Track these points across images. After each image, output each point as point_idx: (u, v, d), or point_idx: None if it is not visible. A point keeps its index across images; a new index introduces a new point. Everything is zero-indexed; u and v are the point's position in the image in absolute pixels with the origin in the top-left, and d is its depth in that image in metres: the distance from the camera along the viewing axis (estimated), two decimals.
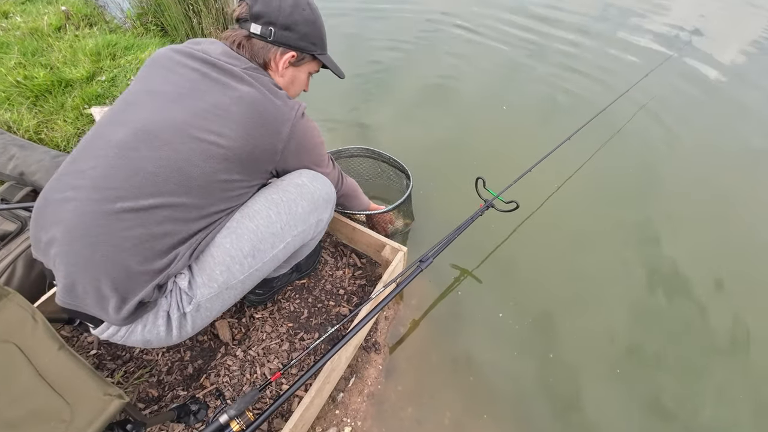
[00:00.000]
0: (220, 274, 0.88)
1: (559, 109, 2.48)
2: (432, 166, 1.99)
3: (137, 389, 1.14)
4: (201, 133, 0.81)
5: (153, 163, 0.78)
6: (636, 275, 1.62)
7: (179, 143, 0.80)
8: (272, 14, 0.92)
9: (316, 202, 1.02)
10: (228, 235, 0.89)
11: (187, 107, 0.83)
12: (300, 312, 1.34)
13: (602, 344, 1.41)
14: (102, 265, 0.76)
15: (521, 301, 1.51)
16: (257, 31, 0.92)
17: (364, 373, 1.27)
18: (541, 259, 1.66)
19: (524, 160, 1.68)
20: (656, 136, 2.32)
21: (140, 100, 0.86)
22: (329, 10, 3.32)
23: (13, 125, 1.86)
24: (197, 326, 0.92)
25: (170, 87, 0.85)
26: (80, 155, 0.83)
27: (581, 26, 3.48)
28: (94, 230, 0.76)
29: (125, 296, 0.78)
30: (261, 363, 1.21)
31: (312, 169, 1.05)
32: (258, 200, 0.95)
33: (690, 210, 1.91)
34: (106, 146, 0.80)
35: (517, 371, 1.33)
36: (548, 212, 1.83)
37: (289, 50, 0.96)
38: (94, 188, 0.77)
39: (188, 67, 0.88)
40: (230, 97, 0.84)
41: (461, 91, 2.57)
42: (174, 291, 0.86)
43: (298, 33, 0.95)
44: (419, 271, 1.17)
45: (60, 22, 2.68)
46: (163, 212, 0.79)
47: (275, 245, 0.95)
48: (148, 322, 0.85)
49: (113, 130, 0.82)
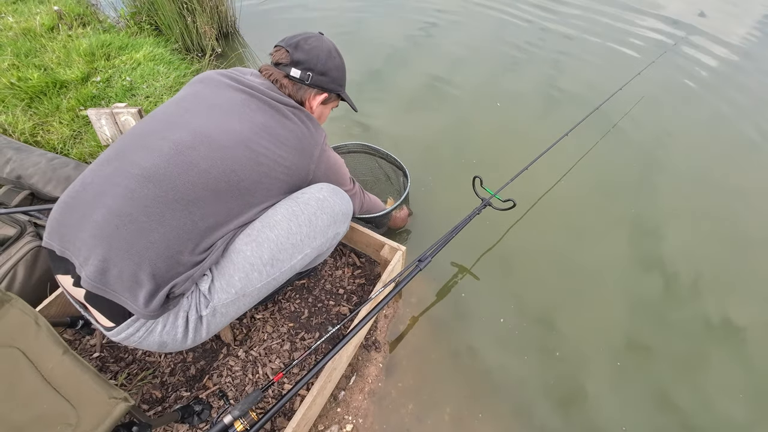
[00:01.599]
0: (238, 280, 0.91)
1: (556, 105, 2.49)
2: (429, 165, 2.00)
3: (141, 391, 1.15)
4: (254, 145, 0.92)
5: (208, 162, 0.86)
6: (636, 270, 1.64)
7: (235, 149, 0.89)
8: (311, 62, 1.05)
9: (336, 216, 1.07)
10: (249, 243, 0.92)
11: (243, 122, 0.93)
12: (300, 312, 1.36)
13: (602, 338, 1.43)
14: (146, 251, 0.79)
15: (520, 297, 1.53)
16: (297, 75, 1.05)
17: (364, 372, 1.29)
18: (540, 255, 1.68)
19: (521, 158, 1.69)
20: (654, 130, 2.34)
21: (197, 108, 0.95)
22: (322, 11, 3.31)
23: (8, 128, 1.85)
24: (211, 331, 0.93)
25: (224, 102, 0.96)
26: (129, 146, 0.88)
27: (578, 20, 3.48)
28: (144, 217, 0.80)
29: (160, 284, 0.81)
30: (263, 363, 1.22)
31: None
32: (279, 211, 0.98)
33: (689, 204, 1.94)
34: (161, 141, 0.86)
35: (517, 366, 1.35)
36: (547, 208, 1.85)
37: (323, 92, 1.10)
38: (146, 177, 0.82)
39: (237, 89, 0.99)
40: (276, 121, 0.98)
41: (457, 88, 2.57)
42: (195, 293, 0.88)
43: (330, 77, 1.10)
44: (418, 271, 1.19)
45: (53, 22, 2.66)
46: (210, 208, 0.86)
47: (294, 256, 0.99)
48: (168, 322, 0.86)
49: (170, 129, 0.89)
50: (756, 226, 1.85)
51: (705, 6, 4.06)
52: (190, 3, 2.55)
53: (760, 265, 1.70)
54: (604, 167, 2.08)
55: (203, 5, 2.60)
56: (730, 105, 2.62)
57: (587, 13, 3.67)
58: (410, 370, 1.34)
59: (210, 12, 2.65)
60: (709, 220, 1.88)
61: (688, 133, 2.36)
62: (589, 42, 3.20)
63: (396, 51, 2.91)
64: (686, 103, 2.61)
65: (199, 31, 2.66)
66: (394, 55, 2.87)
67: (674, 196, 1.97)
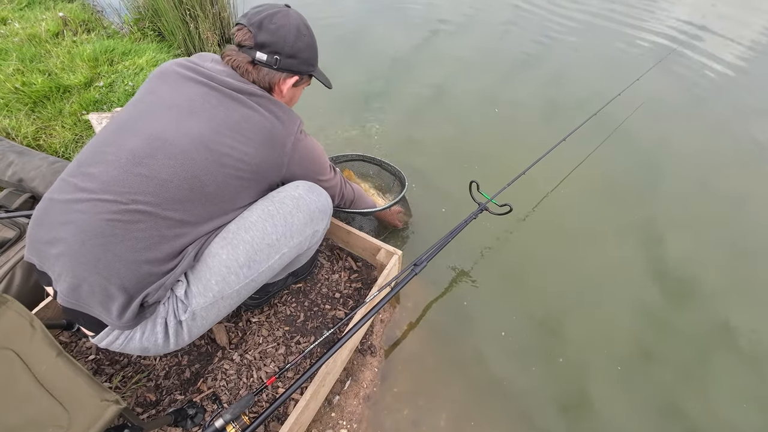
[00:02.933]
0: (215, 284, 0.90)
1: (554, 111, 2.49)
2: (427, 170, 2.00)
3: (135, 394, 1.15)
4: (215, 145, 0.86)
5: (168, 170, 0.83)
6: (638, 275, 1.63)
7: (195, 152, 0.85)
8: (278, 44, 0.96)
9: (312, 214, 1.04)
10: (224, 246, 0.91)
11: (203, 120, 0.87)
12: (296, 316, 1.35)
13: (604, 344, 1.42)
14: (114, 264, 0.79)
15: (519, 302, 1.52)
16: (263, 59, 0.96)
17: (359, 376, 1.28)
18: (537, 259, 1.67)
19: (519, 163, 1.69)
20: (654, 135, 2.33)
21: (154, 110, 0.90)
22: (324, 20, 3.34)
23: (11, 132, 1.87)
24: (193, 334, 0.93)
25: (183, 100, 0.90)
26: (88, 160, 0.86)
27: (577, 24, 3.49)
28: (108, 230, 0.79)
29: (132, 295, 0.81)
30: (257, 367, 1.22)
31: (315, 179, 1.10)
32: (254, 212, 0.97)
33: (692, 209, 1.93)
34: (118, 152, 0.83)
35: (516, 372, 1.34)
36: (547, 213, 1.84)
37: (293, 75, 1.02)
38: (106, 191, 0.80)
39: (198, 82, 0.92)
40: (240, 114, 0.90)
41: (455, 94, 2.58)
42: (171, 299, 0.88)
43: (300, 59, 1.01)
44: (413, 275, 1.19)
45: (58, 28, 2.69)
46: (175, 215, 0.83)
47: (271, 256, 0.97)
48: (146, 329, 0.87)
49: (126, 138, 0.85)
50: (762, 233, 1.84)
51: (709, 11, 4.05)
52: (193, 9, 2.58)
53: (766, 272, 1.68)
54: (605, 172, 2.08)
55: (206, 12, 2.63)
56: (733, 109, 2.61)
57: (587, 16, 3.68)
58: (406, 375, 1.33)
59: (212, 18, 2.68)
60: (712, 225, 1.87)
61: (689, 138, 2.35)
62: (588, 48, 3.20)
63: (398, 57, 2.93)
64: (687, 108, 2.61)
65: (201, 37, 2.68)
66: (396, 60, 2.89)
67: (676, 201, 1.96)
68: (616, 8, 3.91)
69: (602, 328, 1.47)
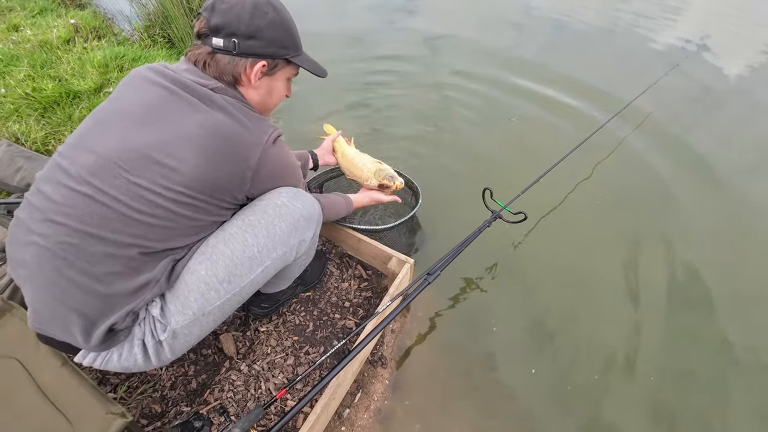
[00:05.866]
0: (194, 301, 0.85)
1: (568, 120, 2.47)
2: (440, 176, 1.98)
3: (140, 405, 1.12)
4: (163, 157, 0.76)
5: (115, 190, 0.75)
6: (651, 287, 1.58)
7: (141, 169, 0.76)
8: (232, 24, 0.84)
9: (297, 222, 0.96)
10: (203, 261, 0.86)
11: (152, 130, 0.78)
12: (305, 325, 1.32)
13: (617, 357, 1.38)
14: (69, 289, 0.75)
15: (531, 312, 1.48)
16: (220, 45, 0.86)
17: (370, 388, 1.25)
18: (552, 270, 1.63)
19: (533, 170, 1.66)
20: (667, 142, 2.30)
21: (108, 120, 0.82)
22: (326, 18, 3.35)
23: (21, 137, 1.88)
24: (177, 352, 0.89)
25: (138, 108, 0.81)
26: (43, 176, 0.80)
27: (587, 33, 3.48)
28: (60, 254, 0.74)
29: (94, 321, 0.77)
30: (266, 378, 1.19)
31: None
32: (234, 223, 0.91)
33: (707, 218, 1.88)
34: (70, 168, 0.77)
35: (530, 386, 1.30)
36: (559, 222, 1.81)
37: (259, 60, 0.89)
38: (56, 212, 0.75)
39: (159, 85, 0.83)
40: (195, 121, 0.79)
41: (468, 102, 2.56)
42: (147, 319, 0.84)
43: (264, 39, 0.87)
44: (426, 285, 1.15)
45: (69, 35, 2.72)
46: (125, 240, 0.76)
47: (253, 269, 0.91)
48: (123, 350, 0.83)
49: (77, 153, 0.78)
50: None
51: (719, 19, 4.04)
52: None
53: None
54: (617, 180, 2.04)
55: None
56: (749, 111, 2.58)
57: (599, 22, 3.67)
58: (417, 387, 1.29)
59: None
60: (728, 234, 1.82)
61: (703, 145, 2.31)
62: (600, 55, 3.18)
63: (411, 59, 2.93)
64: (701, 115, 2.57)
65: None
66: (408, 63, 2.88)
67: (690, 209, 1.92)
68: (623, 14, 3.90)
69: (621, 342, 1.42)
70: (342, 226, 1.44)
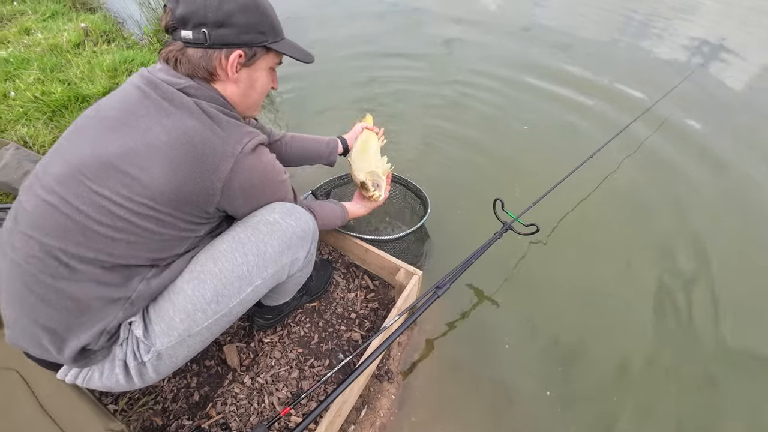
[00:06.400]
0: (180, 322, 0.81)
1: (579, 127, 2.43)
2: (449, 186, 1.94)
3: (141, 417, 1.09)
4: (127, 166, 0.71)
5: (78, 200, 0.71)
6: (665, 300, 1.54)
7: (104, 178, 0.71)
8: (199, 13, 0.76)
9: (289, 241, 0.91)
10: (190, 280, 0.82)
11: (121, 137, 0.73)
12: (310, 337, 1.29)
13: (631, 373, 1.33)
14: (36, 305, 0.72)
15: (545, 330, 1.43)
16: (189, 37, 0.78)
17: (376, 404, 1.21)
18: (563, 281, 1.59)
19: (545, 181, 1.63)
20: (682, 153, 2.25)
21: (85, 127, 0.78)
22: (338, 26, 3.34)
23: (29, 141, 1.87)
24: (162, 373, 0.85)
25: (114, 111, 0.77)
26: (27, 185, 0.78)
27: (600, 42, 3.44)
28: (26, 268, 0.72)
29: (63, 337, 0.73)
30: (269, 392, 1.16)
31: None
32: (225, 240, 0.87)
33: (724, 230, 1.83)
34: (43, 176, 0.75)
35: (541, 402, 1.26)
36: (571, 232, 1.77)
37: (234, 49, 0.80)
38: (27, 223, 0.73)
39: (137, 87, 0.78)
40: (164, 127, 0.73)
41: (479, 110, 2.53)
42: (130, 339, 0.80)
43: (237, 26, 0.79)
44: (435, 298, 1.12)
45: (79, 39, 2.73)
46: (89, 254, 0.72)
47: (242, 289, 0.86)
48: (104, 369, 0.80)
49: (52, 163, 0.76)
50: None
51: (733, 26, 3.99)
52: None
53: None
54: (631, 190, 2.00)
55: None
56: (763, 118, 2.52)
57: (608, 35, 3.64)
58: (424, 403, 1.25)
59: None
60: (746, 247, 1.77)
61: (720, 154, 2.26)
62: (613, 65, 3.14)
63: (421, 68, 2.91)
64: (715, 123, 2.52)
65: None
66: (419, 71, 2.86)
67: (707, 221, 1.87)
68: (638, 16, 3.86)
69: (633, 355, 1.38)
70: (348, 235, 1.42)
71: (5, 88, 2.15)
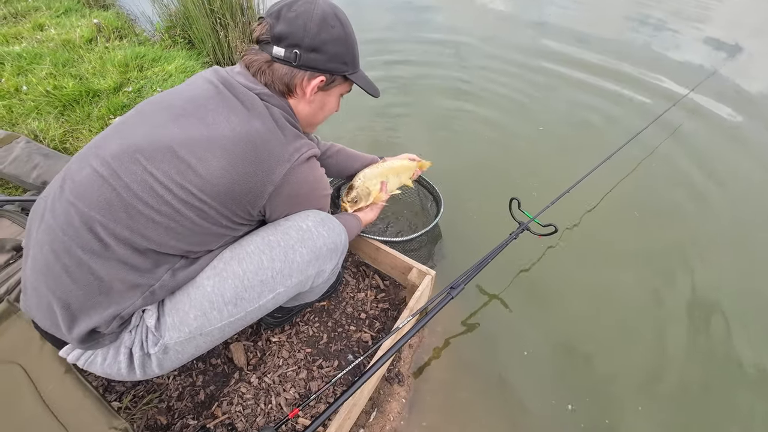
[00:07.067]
0: (194, 318, 0.78)
1: (597, 128, 2.38)
2: (463, 186, 1.90)
3: (146, 416, 1.07)
4: (185, 153, 0.72)
5: (130, 176, 0.71)
6: (682, 306, 1.48)
7: (159, 160, 0.72)
8: (297, 35, 0.80)
9: (319, 252, 0.89)
10: (212, 277, 0.80)
11: (185, 125, 0.75)
12: (319, 337, 1.26)
13: (641, 379, 1.28)
14: (60, 277, 0.71)
15: (556, 329, 1.39)
16: (280, 54, 0.82)
17: (386, 407, 1.17)
18: (577, 284, 1.54)
19: (562, 180, 1.58)
20: (699, 155, 2.19)
21: (148, 111, 0.80)
22: None
23: (39, 134, 1.87)
24: (165, 368, 0.82)
25: (181, 101, 0.79)
26: (80, 155, 0.78)
27: (619, 44, 3.38)
28: (60, 237, 0.71)
29: (75, 314, 0.72)
30: (276, 392, 1.12)
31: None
32: (254, 240, 0.84)
33: (743, 235, 1.77)
34: (96, 155, 0.74)
35: (554, 407, 1.21)
36: (586, 234, 1.72)
37: (318, 74, 0.85)
38: (74, 192, 0.72)
39: (210, 82, 0.82)
40: (230, 123, 0.75)
41: (495, 110, 2.49)
42: (140, 327, 0.78)
43: (327, 54, 0.84)
44: (449, 299, 1.08)
45: (92, 35, 2.74)
46: (125, 233, 0.71)
47: (263, 295, 0.84)
48: (108, 355, 0.77)
49: (111, 139, 0.76)
50: None
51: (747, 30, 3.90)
52: (224, 18, 2.59)
53: None
54: (648, 192, 1.94)
55: (236, 21, 2.63)
56: None
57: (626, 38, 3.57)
58: (436, 407, 1.21)
59: (242, 27, 2.68)
60: (765, 253, 1.70)
61: (737, 158, 2.20)
62: (629, 67, 3.08)
63: (437, 68, 2.88)
64: (732, 129, 2.45)
65: (230, 46, 2.68)
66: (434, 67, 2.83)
67: (726, 225, 1.81)
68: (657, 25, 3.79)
69: (648, 363, 1.32)
70: (361, 235, 1.38)
71: (18, 83, 2.16)
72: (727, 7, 4.80)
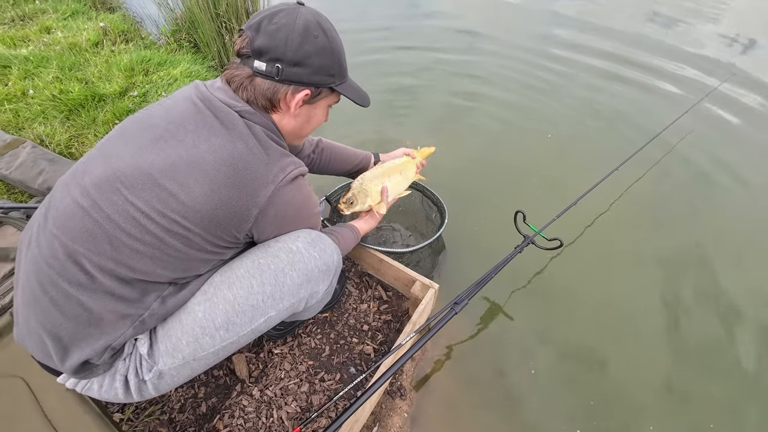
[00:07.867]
0: (186, 345, 0.77)
1: (604, 138, 2.36)
2: (467, 196, 1.89)
3: (148, 427, 1.06)
4: (165, 180, 0.70)
5: (111, 207, 0.69)
6: (689, 316, 1.46)
7: (140, 189, 0.70)
8: (278, 49, 0.76)
9: (310, 274, 0.87)
10: (202, 302, 0.79)
11: (165, 149, 0.72)
12: (321, 349, 1.25)
13: (651, 392, 1.27)
14: (48, 309, 0.69)
15: (561, 341, 1.39)
16: (262, 68, 0.78)
17: (387, 422, 1.17)
18: (583, 296, 1.53)
19: (568, 193, 1.57)
20: (706, 165, 2.17)
21: (130, 132, 0.77)
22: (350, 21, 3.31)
23: (45, 139, 1.88)
24: (162, 390, 0.82)
25: (161, 121, 0.76)
26: (64, 180, 0.76)
27: (626, 52, 3.35)
28: (46, 269, 0.70)
29: (67, 347, 0.70)
30: (278, 405, 1.12)
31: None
32: (244, 263, 0.83)
33: (750, 243, 1.75)
34: (77, 183, 0.73)
35: (560, 422, 1.20)
36: (592, 246, 1.70)
37: (303, 88, 0.81)
38: (57, 224, 0.71)
39: (189, 100, 0.78)
40: (211, 146, 0.72)
41: (499, 119, 2.47)
42: (134, 355, 0.78)
43: (311, 67, 0.80)
44: (453, 314, 1.07)
45: (98, 38, 2.75)
46: (110, 264, 0.69)
47: (254, 319, 0.82)
48: (104, 383, 0.77)
49: (95, 163, 0.74)
50: None
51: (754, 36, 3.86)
52: (229, 22, 2.59)
53: None
54: (655, 203, 1.93)
55: (241, 24, 2.63)
56: None
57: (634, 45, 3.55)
58: (438, 421, 1.21)
59: None
60: None
61: (742, 167, 2.17)
62: (636, 77, 3.06)
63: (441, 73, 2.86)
64: (737, 139, 2.43)
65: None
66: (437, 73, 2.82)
67: (732, 234, 1.79)
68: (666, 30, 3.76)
69: (662, 382, 1.31)
70: (363, 246, 1.37)
71: (24, 86, 2.17)
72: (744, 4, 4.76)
